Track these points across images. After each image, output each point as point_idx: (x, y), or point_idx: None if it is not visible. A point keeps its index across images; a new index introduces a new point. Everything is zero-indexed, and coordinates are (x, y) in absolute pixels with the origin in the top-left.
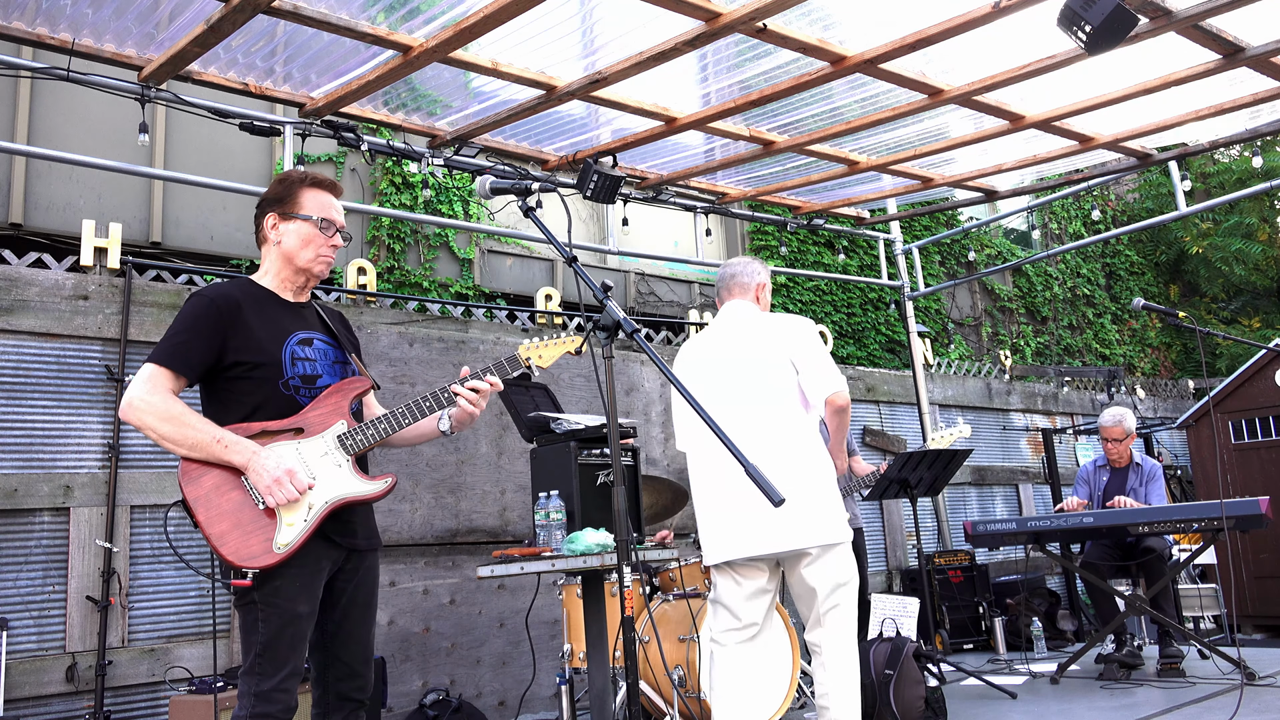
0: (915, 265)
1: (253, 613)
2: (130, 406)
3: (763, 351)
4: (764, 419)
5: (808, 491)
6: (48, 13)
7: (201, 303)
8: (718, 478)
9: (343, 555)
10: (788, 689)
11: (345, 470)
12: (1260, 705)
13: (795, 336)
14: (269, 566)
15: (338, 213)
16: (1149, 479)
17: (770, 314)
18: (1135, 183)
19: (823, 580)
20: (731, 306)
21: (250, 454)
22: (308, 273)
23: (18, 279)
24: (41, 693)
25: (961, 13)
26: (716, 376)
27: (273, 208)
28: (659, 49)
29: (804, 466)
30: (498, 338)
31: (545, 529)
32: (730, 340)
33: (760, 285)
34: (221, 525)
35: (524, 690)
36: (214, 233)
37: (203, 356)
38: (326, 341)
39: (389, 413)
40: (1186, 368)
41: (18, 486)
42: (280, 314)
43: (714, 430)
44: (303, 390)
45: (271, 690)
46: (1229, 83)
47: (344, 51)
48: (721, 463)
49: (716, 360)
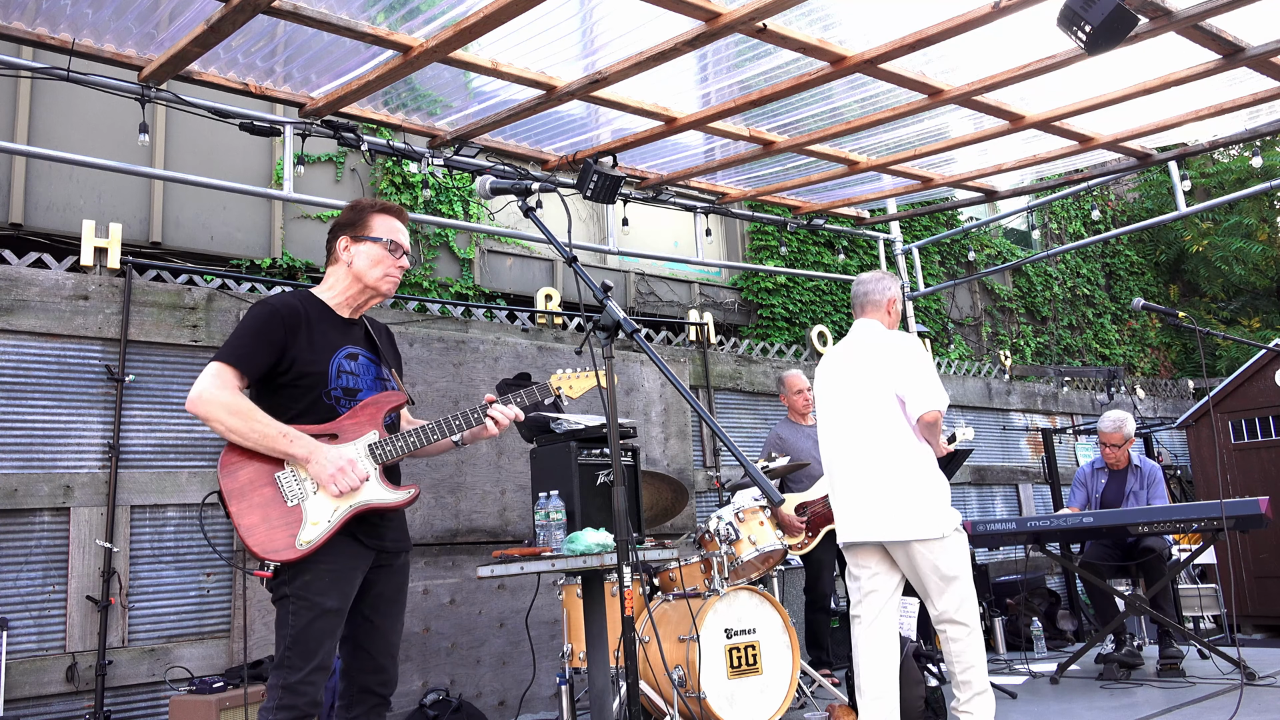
0: (915, 265)
1: (285, 606)
2: (200, 399)
3: (873, 372)
4: (870, 431)
5: (896, 493)
6: (48, 13)
7: (266, 310)
8: (838, 475)
9: (372, 556)
10: (788, 689)
11: (373, 477)
12: (1260, 705)
13: (898, 360)
14: (290, 561)
15: (404, 237)
16: (1150, 482)
17: (888, 334)
18: (1135, 183)
19: (914, 567)
20: (860, 326)
21: (313, 447)
22: (375, 290)
23: (18, 279)
24: (41, 693)
25: (961, 13)
26: (839, 392)
27: (345, 231)
28: (659, 49)
29: (896, 473)
30: (498, 338)
31: (545, 529)
32: (852, 359)
33: (891, 300)
34: (251, 518)
35: (524, 690)
36: (214, 233)
37: (265, 360)
38: (370, 357)
39: (421, 427)
40: (1186, 368)
41: (18, 486)
42: (333, 329)
43: (715, 431)
44: (343, 401)
45: (298, 683)
46: (1229, 83)
47: (344, 51)
48: (842, 462)
49: (840, 377)
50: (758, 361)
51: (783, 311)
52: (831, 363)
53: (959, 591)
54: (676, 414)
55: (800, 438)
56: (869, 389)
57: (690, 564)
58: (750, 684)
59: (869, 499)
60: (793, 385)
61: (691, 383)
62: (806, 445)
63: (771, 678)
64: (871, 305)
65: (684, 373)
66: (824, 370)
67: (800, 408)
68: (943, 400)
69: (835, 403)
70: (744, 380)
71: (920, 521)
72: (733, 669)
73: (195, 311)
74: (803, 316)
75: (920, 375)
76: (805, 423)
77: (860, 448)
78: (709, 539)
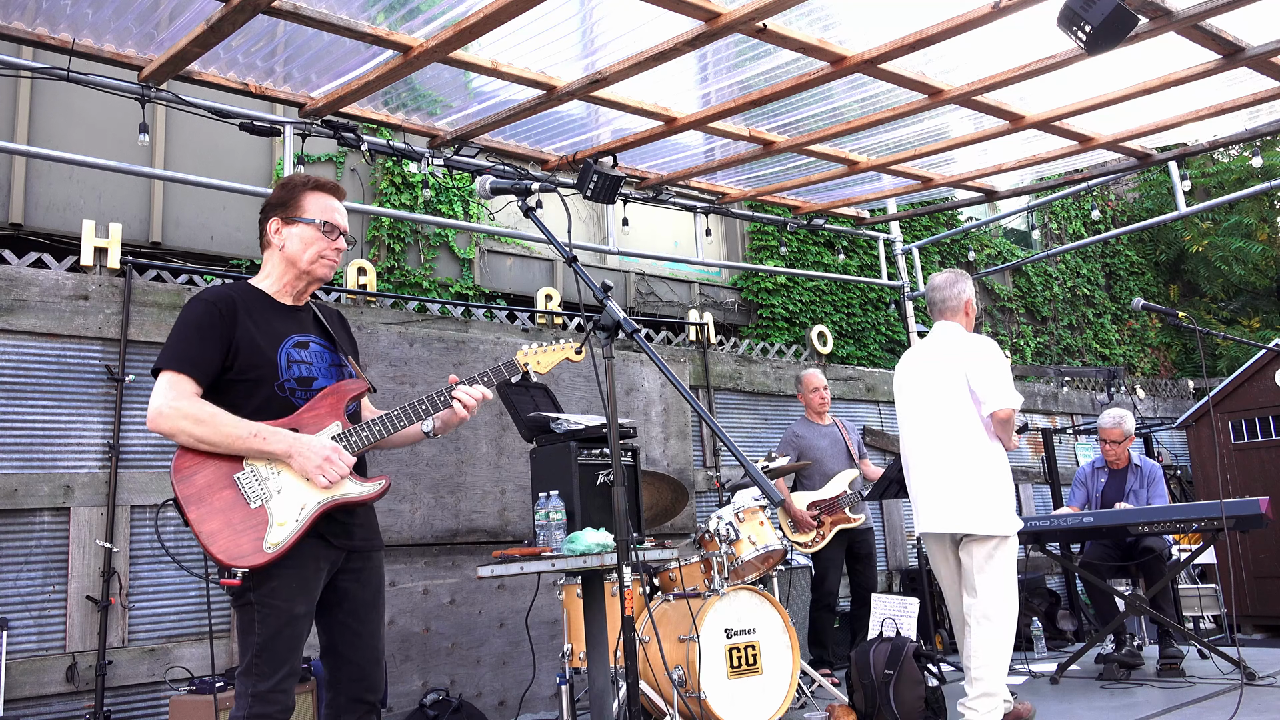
0: (915, 265)
1: (249, 613)
2: (160, 415)
3: (950, 373)
4: (945, 429)
5: (962, 490)
6: (48, 13)
7: (201, 306)
8: (914, 469)
9: (341, 556)
10: (788, 689)
11: None
12: (1260, 705)
13: (973, 361)
14: (258, 566)
15: (341, 216)
16: (1150, 482)
17: (966, 337)
18: (1135, 183)
19: (967, 558)
20: (940, 328)
21: (292, 440)
22: (310, 275)
23: (18, 279)
24: (41, 693)
25: (961, 13)
26: (917, 391)
27: (276, 212)
28: (659, 49)
29: (964, 470)
30: (498, 338)
31: (545, 529)
32: (928, 361)
33: (967, 302)
34: (212, 524)
35: (524, 690)
36: (214, 233)
37: (214, 358)
38: (322, 344)
39: (384, 415)
40: (1186, 368)
41: (18, 486)
42: (276, 317)
43: (715, 431)
44: (298, 393)
45: (269, 691)
46: (1229, 83)
47: (344, 51)
48: (918, 457)
49: (919, 377)
50: (758, 361)
51: (783, 311)
52: (911, 363)
53: (998, 592)
54: (676, 414)
55: (817, 436)
56: (945, 389)
57: (690, 564)
58: (750, 684)
59: (940, 493)
60: (810, 384)
61: (691, 383)
62: (824, 444)
63: (771, 678)
64: (949, 310)
65: (684, 373)
66: (903, 370)
67: (817, 406)
68: (1015, 399)
69: (913, 401)
70: (744, 380)
71: (978, 519)
72: (733, 669)
73: None
74: (803, 316)
75: (994, 374)
76: (822, 422)
77: (935, 445)
78: (709, 539)
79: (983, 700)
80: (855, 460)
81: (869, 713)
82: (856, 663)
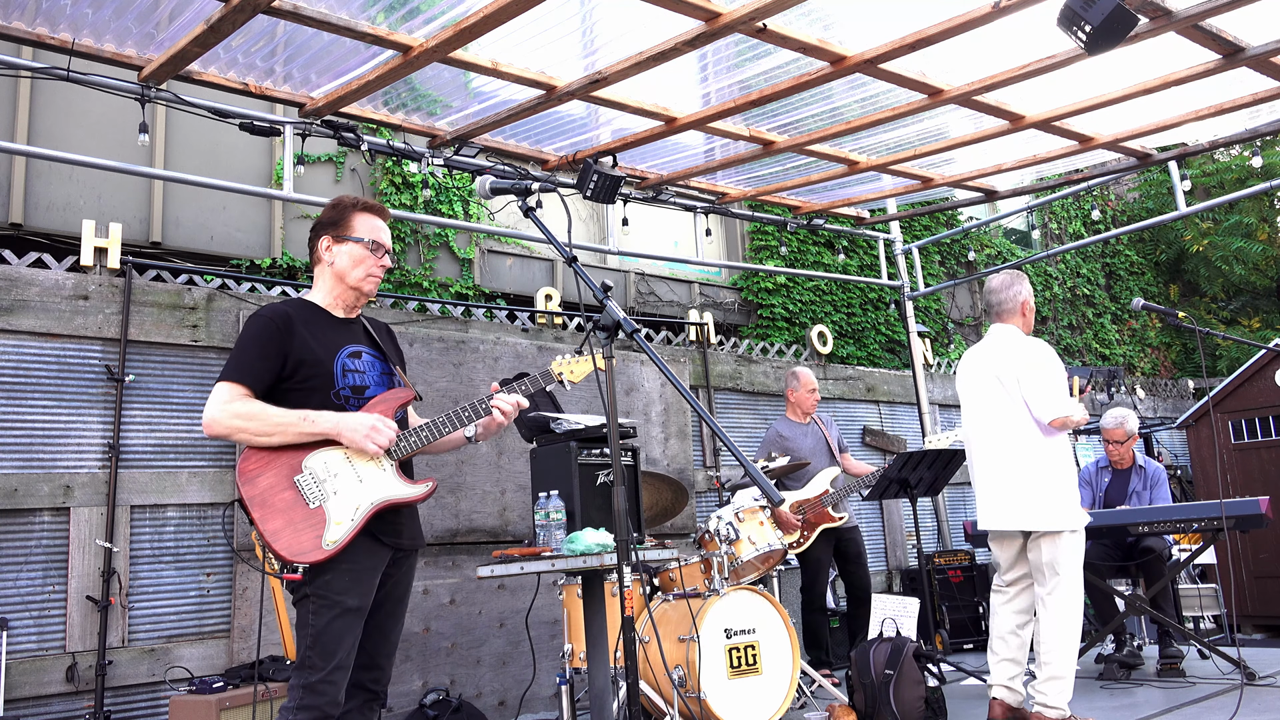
0: (915, 265)
1: (306, 606)
2: (214, 420)
3: (1004, 377)
4: (1003, 430)
5: (1023, 488)
6: (48, 13)
7: (260, 322)
8: (977, 468)
9: (389, 554)
10: (788, 689)
11: (389, 473)
12: (1260, 705)
13: (1022, 367)
14: (319, 562)
15: (385, 235)
16: (1153, 483)
17: (1022, 342)
18: (1135, 182)
19: (1035, 553)
20: (997, 330)
21: (337, 418)
22: (358, 290)
23: (18, 279)
24: (41, 693)
25: (961, 13)
26: (977, 392)
27: (327, 230)
28: (659, 49)
29: (1028, 469)
30: (498, 338)
31: (545, 529)
32: (985, 363)
33: (1024, 304)
34: (275, 523)
35: (524, 690)
36: (214, 233)
37: (268, 369)
38: (374, 355)
39: (431, 421)
40: (1186, 368)
41: (18, 486)
42: (331, 329)
43: (715, 431)
44: (352, 400)
45: (318, 682)
46: (1229, 83)
47: (344, 51)
48: (980, 457)
49: (978, 378)
50: (757, 361)
51: (783, 311)
52: (971, 364)
53: (1064, 584)
54: (676, 414)
55: (801, 435)
56: (1001, 391)
57: (690, 564)
58: (750, 684)
59: (1001, 491)
60: (807, 382)
61: (691, 383)
62: (808, 443)
63: (771, 678)
64: (1007, 313)
65: (684, 373)
66: (964, 371)
67: (808, 406)
68: (1063, 408)
69: (973, 404)
70: (744, 380)
71: (1045, 515)
72: (733, 669)
73: (195, 311)
74: (803, 316)
75: (1044, 383)
76: (805, 421)
77: (996, 446)
78: (709, 539)
79: (1051, 684)
80: (836, 457)
81: (869, 713)
82: (856, 663)
